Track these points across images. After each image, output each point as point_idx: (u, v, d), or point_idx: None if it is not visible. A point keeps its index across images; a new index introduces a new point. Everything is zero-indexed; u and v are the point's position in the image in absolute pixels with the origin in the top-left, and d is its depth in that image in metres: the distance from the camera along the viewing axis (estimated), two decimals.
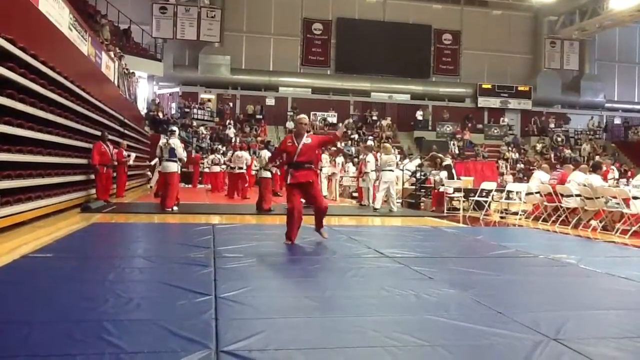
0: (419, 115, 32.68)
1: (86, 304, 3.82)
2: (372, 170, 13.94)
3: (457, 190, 13.37)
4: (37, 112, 8.64)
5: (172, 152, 11.12)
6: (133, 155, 16.37)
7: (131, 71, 22.07)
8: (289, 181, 7.06)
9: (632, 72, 36.41)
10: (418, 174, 15.67)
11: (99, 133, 12.71)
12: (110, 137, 13.46)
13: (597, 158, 28.21)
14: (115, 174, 14.03)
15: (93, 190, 12.55)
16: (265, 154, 11.97)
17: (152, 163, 16.85)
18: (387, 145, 14.67)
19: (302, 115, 7.68)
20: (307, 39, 32.83)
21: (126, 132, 17.46)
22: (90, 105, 12.49)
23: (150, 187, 17.55)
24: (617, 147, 33.69)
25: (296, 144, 7.12)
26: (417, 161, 17.70)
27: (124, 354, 2.84)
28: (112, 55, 17.07)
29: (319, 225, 7.42)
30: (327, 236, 7.36)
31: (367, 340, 3.24)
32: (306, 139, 7.18)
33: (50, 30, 9.99)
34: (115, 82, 17.38)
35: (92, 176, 12.37)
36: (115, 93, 17.02)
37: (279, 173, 13.55)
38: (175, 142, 11.31)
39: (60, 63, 9.91)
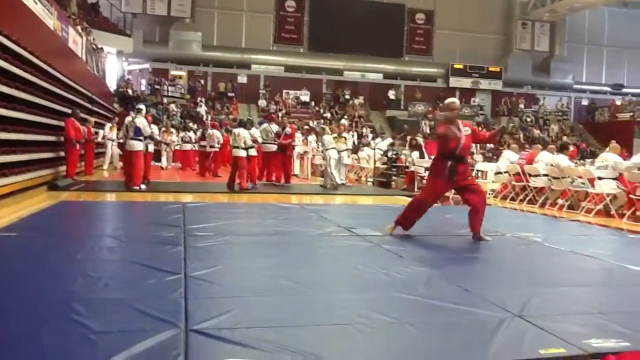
0: (391, 94, 32.71)
1: (54, 284, 3.78)
2: (346, 149, 13.98)
3: (428, 169, 13.46)
4: (1, 88, 8.40)
5: (137, 130, 11.02)
6: (101, 132, 16.12)
7: (99, 47, 21.57)
8: (452, 178, 6.09)
9: (600, 54, 36.96)
10: (390, 153, 15.77)
11: (66, 110, 12.45)
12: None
13: (564, 138, 28.77)
14: (83, 152, 13.79)
15: (61, 168, 12.34)
16: (242, 132, 11.78)
17: (100, 138, 16.24)
18: (326, 127, 15.23)
19: (453, 99, 6.44)
20: (280, 16, 32.45)
21: (94, 108, 17.13)
22: (57, 81, 12.19)
23: (114, 168, 17.14)
24: (584, 127, 34.31)
25: (458, 134, 6.06)
26: (389, 140, 17.79)
27: (93, 334, 2.82)
28: (80, 30, 16.63)
29: (478, 228, 6.29)
30: (489, 239, 6.28)
31: (336, 317, 3.28)
32: (464, 129, 6.16)
33: (13, 3, 9.67)
34: (83, 58, 16.96)
35: (62, 153, 12.16)
36: (83, 69, 16.63)
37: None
38: (141, 121, 11.20)
39: (24, 37, 9.62)
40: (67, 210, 8.14)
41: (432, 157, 13.82)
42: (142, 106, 12.13)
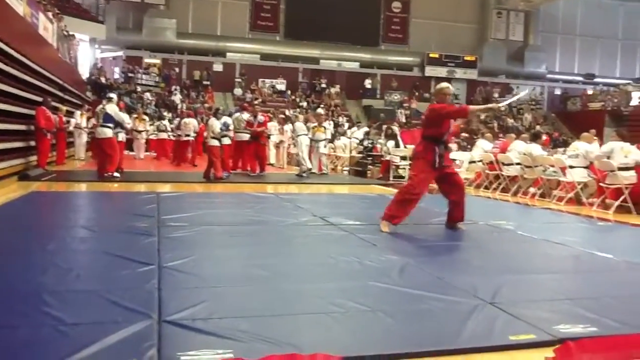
0: (368, 83, 32.77)
1: (24, 275, 3.72)
2: (325, 139, 14.02)
3: (403, 158, 13.57)
4: None
5: (106, 117, 10.88)
6: (73, 121, 15.86)
7: (71, 33, 21.14)
8: (437, 165, 5.86)
9: (573, 45, 37.45)
10: (365, 142, 15.82)
11: (37, 98, 12.22)
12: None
13: (537, 127, 29.15)
14: (54, 141, 13.56)
15: (32, 158, 12.12)
16: (214, 122, 11.73)
17: (72, 127, 15.92)
18: (299, 115, 15.66)
19: (445, 84, 6.29)
20: (256, 3, 32.18)
21: (66, 97, 16.82)
22: (27, 68, 11.93)
23: (79, 159, 16.80)
24: (557, 117, 34.82)
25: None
26: (365, 129, 17.83)
27: (64, 326, 2.79)
28: (51, 16, 16.28)
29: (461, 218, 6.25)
30: (463, 227, 6.27)
31: (311, 306, 3.29)
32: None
33: None
34: (54, 45, 16.62)
35: (32, 143, 11.94)
36: (54, 56, 16.29)
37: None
38: (112, 108, 11.06)
39: None
40: (38, 201, 8.00)
41: (408, 146, 14.06)
42: (113, 95, 11.97)
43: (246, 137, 12.95)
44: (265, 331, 2.81)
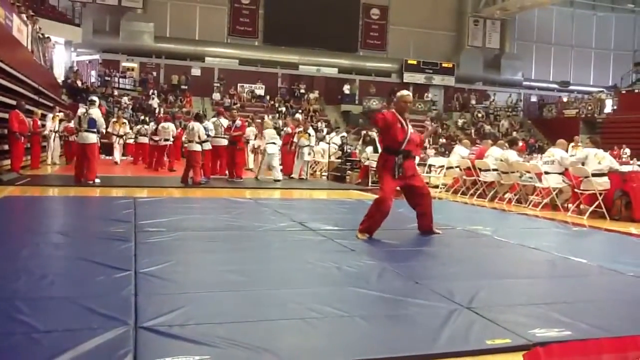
0: (346, 89, 32.88)
1: None
2: (306, 145, 14.03)
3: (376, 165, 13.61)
4: None
5: (91, 122, 10.69)
6: (48, 124, 15.62)
7: (46, 36, 20.86)
8: (397, 176, 5.82)
9: (548, 53, 38.09)
10: (345, 148, 15.86)
11: (10, 101, 12.02)
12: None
13: (514, 134, 29.52)
14: (29, 145, 13.35)
15: (5, 162, 11.91)
16: (197, 126, 11.63)
17: (47, 131, 15.67)
18: (267, 120, 15.49)
19: (405, 92, 6.18)
20: (235, 8, 32.14)
21: (41, 100, 16.56)
22: (0, 71, 11.74)
23: (53, 163, 16.53)
24: (533, 123, 35.34)
25: (405, 127, 5.87)
26: (343, 134, 17.88)
27: (37, 333, 2.74)
28: (25, 18, 16.05)
29: (430, 226, 6.23)
30: (439, 231, 6.27)
31: (288, 312, 3.28)
32: (410, 126, 5.97)
33: None
34: (29, 47, 16.38)
35: (6, 147, 11.74)
36: (28, 59, 16.05)
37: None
38: (96, 112, 10.90)
39: None
40: (12, 206, 7.86)
41: None
42: (95, 98, 11.79)
43: (224, 142, 12.89)
44: (243, 337, 2.80)
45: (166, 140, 15.98)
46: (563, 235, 7.25)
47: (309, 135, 14.16)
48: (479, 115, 34.69)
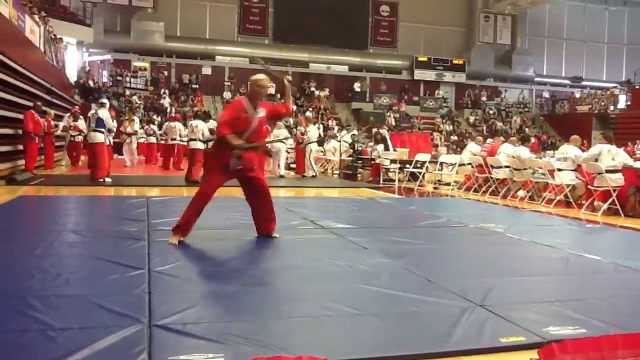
0: (357, 86, 32.83)
1: (10, 279, 3.70)
2: (314, 141, 14.08)
3: (392, 161, 13.61)
4: None
5: (99, 122, 10.86)
6: (61, 124, 15.74)
7: (58, 37, 21.01)
8: (231, 166, 5.14)
9: (560, 48, 37.80)
10: (356, 146, 15.85)
11: (24, 102, 12.16)
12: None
13: (526, 130, 29.36)
14: (42, 145, 13.47)
15: (20, 162, 12.03)
16: (200, 124, 11.70)
17: (60, 131, 15.63)
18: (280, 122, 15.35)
19: (261, 76, 5.36)
20: (245, 6, 32.18)
21: (54, 100, 16.69)
22: (13, 72, 11.84)
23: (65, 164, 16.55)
24: (545, 119, 35.10)
25: (250, 116, 5.17)
26: (354, 132, 17.86)
27: (52, 331, 2.76)
28: (37, 19, 16.17)
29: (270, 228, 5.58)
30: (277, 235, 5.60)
31: (301, 310, 3.29)
32: (261, 111, 5.24)
33: None
34: (41, 48, 16.51)
35: (20, 147, 11.87)
36: (40, 59, 16.17)
37: None
38: (104, 113, 11.05)
39: None
40: (26, 205, 7.94)
41: (397, 149, 14.12)
42: (105, 100, 11.93)
43: None
44: (255, 334, 2.81)
45: (173, 139, 16.04)
46: (576, 232, 7.20)
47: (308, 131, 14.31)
48: (491, 112, 34.51)
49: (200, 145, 11.56)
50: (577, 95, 34.47)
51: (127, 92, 27.88)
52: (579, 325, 3.10)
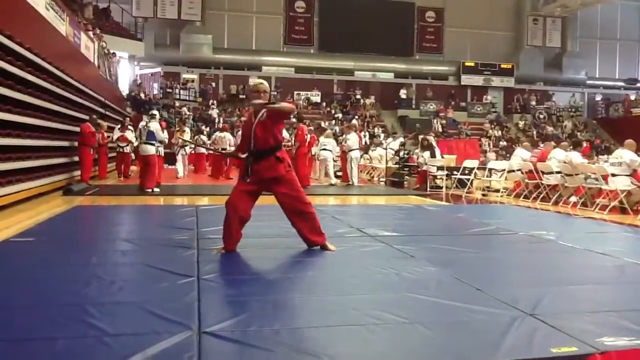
0: (403, 93, 32.66)
1: (68, 288, 3.83)
2: (355, 149, 14.07)
3: (440, 168, 13.47)
4: (15, 95, 8.52)
5: (150, 134, 11.20)
6: (115, 136, 16.25)
7: (111, 51, 21.76)
8: (248, 177, 5.05)
9: (614, 49, 36.62)
10: (401, 153, 15.76)
11: (79, 115, 12.66)
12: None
13: (578, 135, 28.53)
14: (97, 156, 13.95)
15: (75, 173, 12.48)
16: (227, 136, 11.95)
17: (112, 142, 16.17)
18: (327, 129, 15.73)
19: (258, 80, 5.33)
20: (290, 17, 32.54)
21: (107, 113, 17.28)
22: (70, 86, 12.34)
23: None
24: (598, 123, 34.03)
25: (251, 122, 5.09)
26: (401, 140, 17.77)
27: (107, 336, 2.86)
28: (92, 36, 16.80)
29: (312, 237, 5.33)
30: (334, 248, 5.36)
31: (347, 318, 3.29)
32: (261, 116, 5.02)
33: (26, 10, 9.80)
34: (95, 63, 17.14)
35: (76, 158, 12.32)
36: (95, 74, 16.79)
37: None
38: (155, 125, 11.39)
39: (37, 44, 9.75)
40: (82, 215, 8.23)
41: (444, 156, 13.97)
42: (155, 112, 12.32)
43: None
44: (303, 343, 2.83)
45: (223, 149, 16.28)
46: (633, 239, 6.95)
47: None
48: (541, 116, 33.71)
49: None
50: (632, 98, 33.28)
51: (177, 104, 28.56)
52: (635, 336, 2.99)
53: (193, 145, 16.08)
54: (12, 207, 8.24)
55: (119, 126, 16.96)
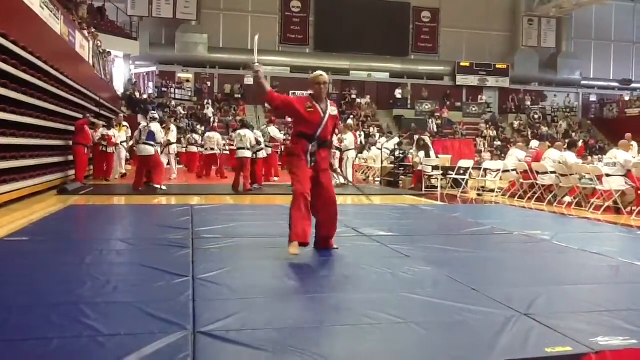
0: (398, 93, 32.68)
1: (63, 287, 3.82)
2: (351, 149, 14.09)
3: (435, 168, 13.49)
4: (9, 94, 8.48)
5: (150, 135, 11.18)
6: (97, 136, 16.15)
7: (106, 50, 21.69)
8: (309, 165, 5.05)
9: (608, 50, 36.72)
10: (397, 153, 15.76)
11: (74, 114, 12.60)
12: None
13: (573, 135, 28.63)
14: (91, 156, 13.90)
15: (70, 172, 12.44)
16: (248, 133, 11.86)
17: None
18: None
19: (320, 72, 5.33)
20: (286, 16, 32.50)
21: (102, 112, 17.22)
22: (65, 85, 12.29)
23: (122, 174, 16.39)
24: (593, 124, 34.14)
25: (321, 112, 5.10)
26: (396, 140, 17.77)
27: (101, 336, 2.85)
28: (86, 35, 16.74)
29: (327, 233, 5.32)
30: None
31: (342, 318, 3.29)
32: (331, 109, 5.20)
33: (20, 9, 9.76)
34: (90, 62, 17.07)
35: (70, 157, 12.28)
36: (90, 73, 16.73)
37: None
38: (156, 127, 11.44)
39: (32, 43, 9.71)
40: (76, 214, 8.20)
41: (440, 156, 13.98)
42: (157, 115, 12.36)
43: (268, 151, 13.43)
44: (298, 342, 2.83)
45: (212, 149, 16.34)
46: (627, 239, 6.98)
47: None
48: (536, 116, 33.80)
49: (248, 154, 11.72)
50: (627, 98, 33.41)
51: (172, 103, 28.50)
52: (629, 336, 3.00)
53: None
54: (6, 206, 8.21)
55: (104, 124, 16.59)
